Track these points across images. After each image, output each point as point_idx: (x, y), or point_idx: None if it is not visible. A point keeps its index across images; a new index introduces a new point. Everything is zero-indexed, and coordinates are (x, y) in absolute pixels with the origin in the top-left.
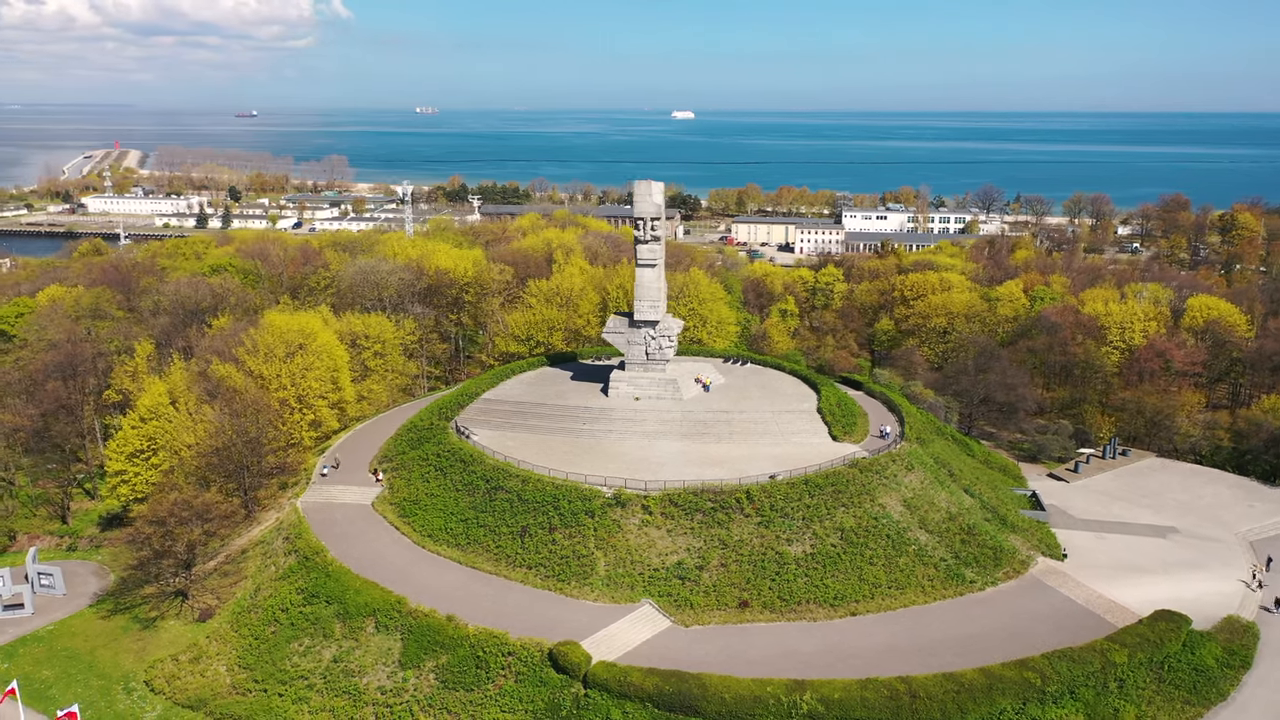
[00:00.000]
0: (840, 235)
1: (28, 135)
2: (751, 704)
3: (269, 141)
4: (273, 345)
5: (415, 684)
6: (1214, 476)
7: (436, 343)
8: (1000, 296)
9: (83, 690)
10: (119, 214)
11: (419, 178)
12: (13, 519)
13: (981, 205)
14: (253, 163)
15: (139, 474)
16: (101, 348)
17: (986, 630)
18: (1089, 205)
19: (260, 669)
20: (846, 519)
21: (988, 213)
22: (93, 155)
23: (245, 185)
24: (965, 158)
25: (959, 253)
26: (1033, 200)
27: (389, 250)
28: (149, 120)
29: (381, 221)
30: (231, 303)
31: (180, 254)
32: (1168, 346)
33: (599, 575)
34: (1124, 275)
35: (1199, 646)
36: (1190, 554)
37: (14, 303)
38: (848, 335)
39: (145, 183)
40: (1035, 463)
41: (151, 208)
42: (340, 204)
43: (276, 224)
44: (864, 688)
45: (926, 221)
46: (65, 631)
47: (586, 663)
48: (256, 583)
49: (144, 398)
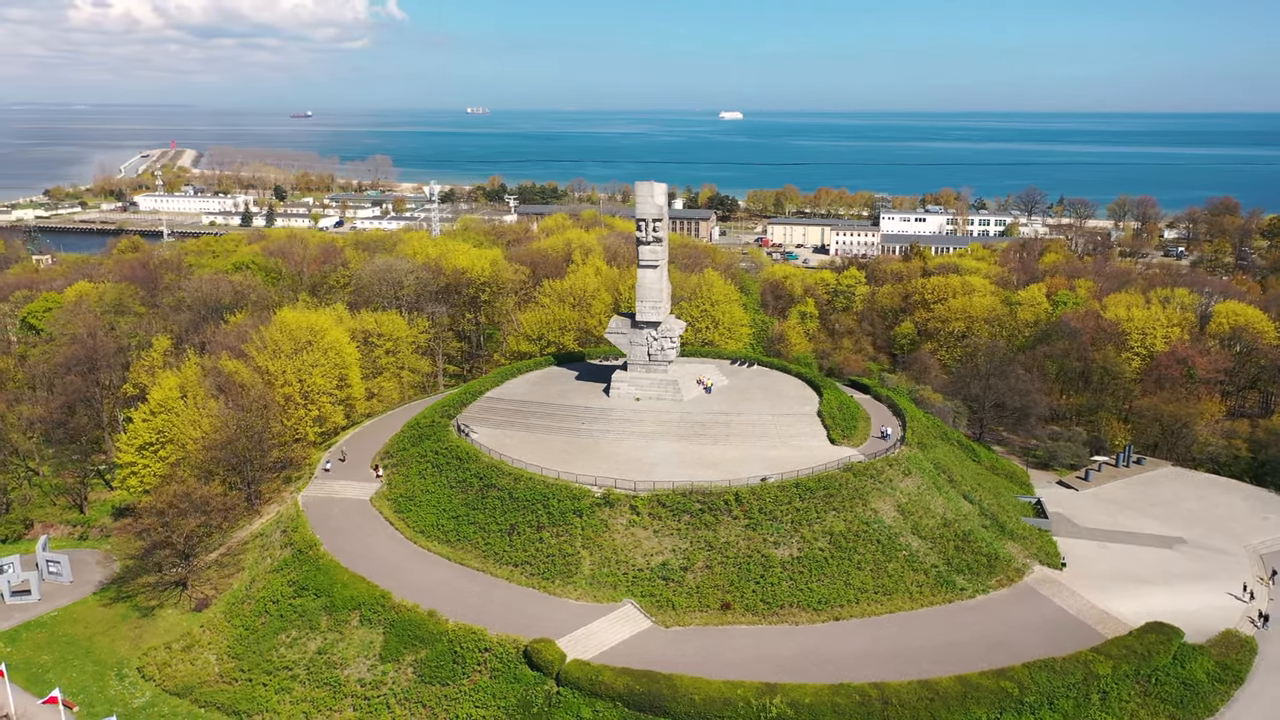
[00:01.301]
0: (876, 237)
1: (92, 135)
2: (721, 706)
3: (321, 142)
4: (280, 342)
5: (394, 677)
6: (1230, 487)
7: (452, 341)
8: (1022, 300)
9: (77, 675)
10: (168, 212)
11: (463, 177)
12: (30, 507)
13: (1023, 208)
14: (299, 162)
15: (148, 466)
16: (122, 342)
17: (971, 638)
18: (1134, 208)
19: (248, 659)
20: (836, 523)
21: (1030, 215)
22: (150, 154)
23: (291, 184)
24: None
25: (988, 256)
26: (1076, 203)
27: (409, 249)
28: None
29: (420, 220)
30: (252, 300)
31: (209, 251)
32: (1190, 353)
33: (583, 574)
34: (1155, 280)
35: (1190, 660)
36: (1195, 565)
37: (43, 298)
38: (863, 338)
39: (196, 181)
40: (1047, 470)
41: (199, 206)
42: (382, 203)
43: (318, 223)
44: (835, 693)
45: (966, 224)
46: (67, 618)
47: (560, 661)
48: (252, 574)
49: (155, 391)
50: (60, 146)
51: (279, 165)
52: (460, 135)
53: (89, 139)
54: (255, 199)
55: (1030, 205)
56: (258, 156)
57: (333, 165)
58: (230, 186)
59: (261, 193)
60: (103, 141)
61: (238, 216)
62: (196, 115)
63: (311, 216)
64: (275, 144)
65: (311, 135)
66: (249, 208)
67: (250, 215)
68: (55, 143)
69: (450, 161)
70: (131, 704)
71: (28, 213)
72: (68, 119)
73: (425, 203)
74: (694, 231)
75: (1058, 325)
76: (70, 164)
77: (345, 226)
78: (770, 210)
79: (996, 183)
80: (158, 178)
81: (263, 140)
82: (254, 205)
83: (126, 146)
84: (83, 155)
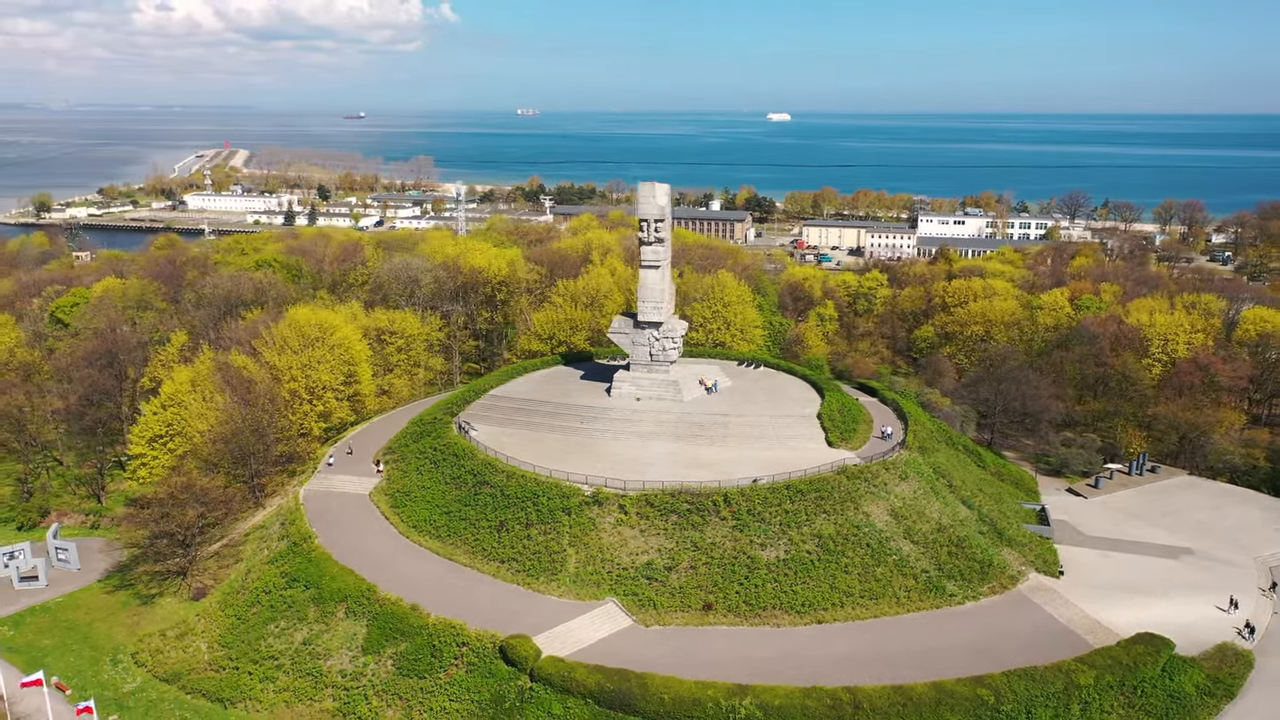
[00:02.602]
0: (912, 240)
1: (152, 135)
2: (690, 706)
3: (371, 142)
4: (289, 338)
5: (374, 669)
6: (1245, 497)
7: (468, 339)
8: (1043, 305)
9: (74, 660)
10: (215, 211)
11: (505, 178)
12: (48, 496)
13: (1066, 211)
14: (343, 162)
15: (157, 458)
16: (142, 337)
17: (954, 645)
18: (1180, 211)
19: (236, 647)
20: (826, 526)
21: (1072, 219)
22: (204, 154)
23: (335, 184)
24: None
25: (1017, 259)
26: (1121, 206)
27: (430, 249)
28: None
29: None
30: (272, 297)
31: (236, 250)
32: (1212, 360)
33: (568, 572)
34: (1186, 284)
35: (1179, 672)
36: (1199, 577)
37: (72, 293)
38: (879, 341)
39: (244, 181)
40: (1059, 477)
41: (245, 205)
42: (422, 203)
43: (359, 222)
44: (807, 696)
45: (1005, 227)
46: (71, 604)
47: (535, 657)
48: (249, 565)
49: (166, 385)
50: (120, 146)
51: (324, 165)
52: (508, 136)
53: (149, 139)
54: (299, 199)
55: (1073, 208)
56: (303, 157)
57: (377, 165)
58: (276, 186)
59: (306, 192)
60: (162, 142)
61: (281, 215)
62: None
63: (353, 216)
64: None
65: (362, 136)
66: (292, 207)
67: (293, 214)
68: (116, 143)
69: (495, 162)
70: (122, 689)
71: (81, 210)
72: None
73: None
74: (729, 233)
75: (1077, 330)
76: (127, 163)
77: (385, 225)
78: (808, 212)
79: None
80: (207, 177)
81: (316, 141)
82: (298, 205)
83: (183, 147)
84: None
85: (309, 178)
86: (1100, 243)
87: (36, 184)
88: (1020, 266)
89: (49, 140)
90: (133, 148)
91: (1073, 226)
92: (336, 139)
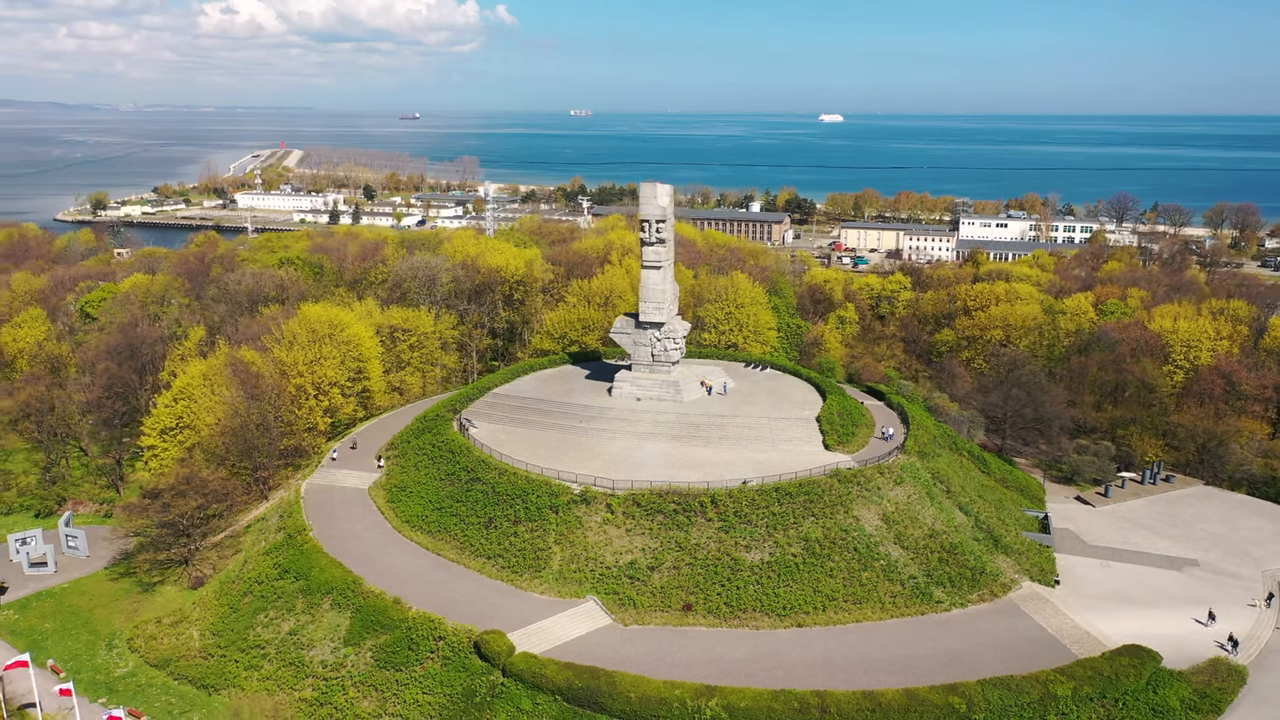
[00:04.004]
0: (951, 243)
1: (213, 136)
2: (656, 705)
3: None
4: (297, 334)
5: (353, 660)
6: (1261, 509)
7: (483, 338)
8: (1066, 309)
9: (72, 644)
10: (263, 209)
11: (549, 178)
12: (65, 485)
13: (1113, 214)
14: (391, 162)
15: (167, 449)
16: (164, 332)
17: (934, 651)
18: (1232, 215)
19: (226, 635)
20: (814, 529)
21: (1119, 222)
22: (260, 154)
23: (381, 184)
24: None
25: (1050, 263)
26: (1170, 209)
27: (451, 248)
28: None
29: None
30: (292, 294)
31: (266, 247)
32: (1235, 367)
33: (552, 570)
34: (1219, 290)
35: (1164, 686)
36: (1202, 589)
37: (102, 288)
38: (896, 344)
39: (295, 180)
40: (1070, 485)
41: (292, 204)
42: (465, 203)
43: (401, 221)
44: (774, 699)
45: (1050, 230)
46: (76, 590)
47: (508, 652)
48: (246, 556)
49: (179, 379)
50: (181, 147)
51: (370, 165)
52: (559, 137)
53: (209, 139)
54: (345, 198)
55: (1121, 212)
56: (350, 157)
57: (423, 165)
58: (324, 185)
59: (352, 191)
60: (222, 142)
61: (326, 214)
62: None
63: (395, 215)
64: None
65: (416, 137)
66: (337, 206)
67: (338, 213)
68: (177, 143)
69: (543, 162)
70: (114, 673)
71: (135, 209)
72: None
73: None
74: (766, 235)
75: (1097, 336)
76: (186, 163)
77: (427, 225)
78: (849, 214)
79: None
80: (258, 176)
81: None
82: (343, 204)
83: (241, 147)
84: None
85: (356, 177)
86: (1139, 247)
87: (98, 183)
88: (1050, 270)
89: (115, 140)
90: (193, 148)
91: (1119, 230)
92: (390, 139)
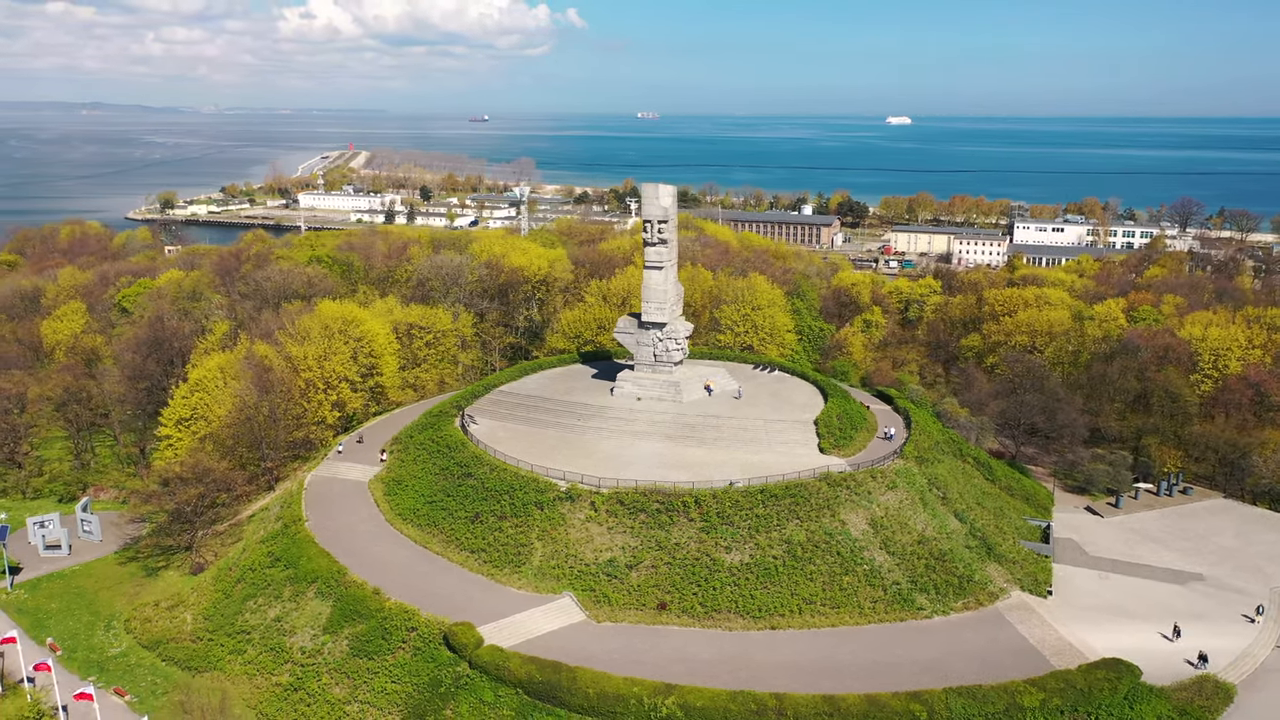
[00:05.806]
0: (1004, 248)
1: (289, 137)
2: (614, 701)
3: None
4: (310, 329)
5: (330, 648)
6: (1277, 523)
7: (503, 336)
8: (1095, 315)
9: (73, 624)
10: (323, 209)
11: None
12: (90, 472)
13: (1177, 219)
14: (450, 164)
15: (182, 439)
16: (192, 326)
17: (907, 658)
18: None
19: (216, 620)
20: (797, 532)
21: (1183, 228)
22: (328, 155)
23: (438, 185)
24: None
25: (1093, 268)
26: (1237, 215)
27: (478, 248)
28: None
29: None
30: (320, 291)
31: (302, 246)
32: (1264, 377)
33: (532, 565)
34: (1262, 297)
35: (1141, 702)
36: (1201, 604)
37: (138, 284)
38: (918, 349)
39: (358, 181)
40: (1084, 494)
41: (350, 204)
42: (518, 204)
43: (454, 221)
44: (732, 699)
45: (1108, 235)
46: (85, 573)
47: (475, 645)
48: (246, 544)
49: (196, 371)
50: (255, 148)
51: (430, 166)
52: (623, 139)
53: (283, 141)
54: (403, 198)
55: (1185, 217)
56: (411, 158)
57: (480, 167)
58: (384, 186)
59: (410, 192)
60: (295, 144)
61: (382, 214)
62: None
63: (449, 216)
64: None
65: (483, 139)
66: (394, 206)
67: (394, 214)
68: (252, 144)
69: (602, 165)
70: (107, 653)
71: (202, 208)
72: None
73: (560, 204)
74: (814, 238)
75: (1122, 343)
76: (257, 164)
77: (479, 225)
78: (902, 218)
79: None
80: (320, 177)
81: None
82: (400, 204)
83: (311, 148)
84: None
85: (414, 178)
86: (1189, 252)
87: (172, 182)
88: (1089, 276)
89: (193, 142)
90: (266, 149)
91: (1181, 236)
92: (458, 141)
